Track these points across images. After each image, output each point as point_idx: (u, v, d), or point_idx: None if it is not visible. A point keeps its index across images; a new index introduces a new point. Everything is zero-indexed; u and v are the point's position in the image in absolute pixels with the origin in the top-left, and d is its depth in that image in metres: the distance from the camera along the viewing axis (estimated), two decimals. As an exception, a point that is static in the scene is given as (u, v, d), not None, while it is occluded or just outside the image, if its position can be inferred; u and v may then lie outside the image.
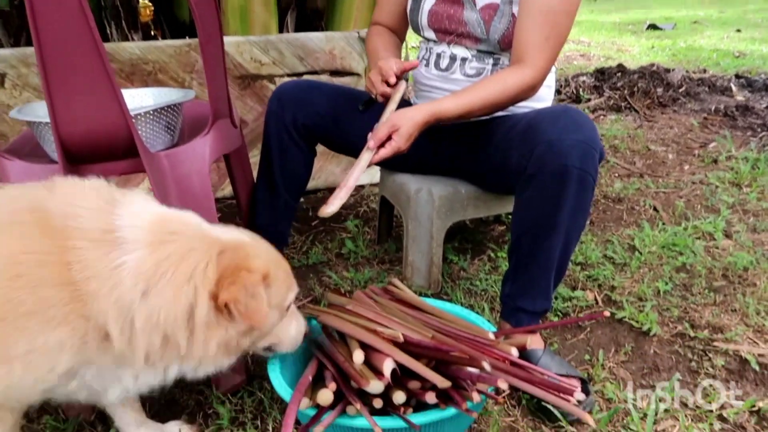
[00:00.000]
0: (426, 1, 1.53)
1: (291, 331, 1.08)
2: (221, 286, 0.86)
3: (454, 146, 1.60)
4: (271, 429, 1.21)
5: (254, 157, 2.20)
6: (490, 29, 1.44)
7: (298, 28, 3.29)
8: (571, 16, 1.39)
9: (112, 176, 1.27)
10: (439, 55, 1.57)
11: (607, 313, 1.20)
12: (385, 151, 1.32)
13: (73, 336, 0.84)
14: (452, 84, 1.55)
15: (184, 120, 1.47)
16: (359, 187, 2.55)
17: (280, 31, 3.14)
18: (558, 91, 4.05)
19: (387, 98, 1.46)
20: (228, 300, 0.86)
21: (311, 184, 2.52)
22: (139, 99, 1.51)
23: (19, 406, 0.94)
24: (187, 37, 2.65)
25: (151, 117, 1.28)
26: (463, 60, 1.53)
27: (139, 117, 1.26)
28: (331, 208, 1.30)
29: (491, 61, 1.51)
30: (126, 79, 2.18)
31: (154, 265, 0.85)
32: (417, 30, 1.61)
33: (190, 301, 0.86)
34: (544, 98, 1.57)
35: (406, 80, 1.53)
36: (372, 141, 1.33)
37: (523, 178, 1.29)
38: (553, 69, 1.54)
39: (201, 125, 1.44)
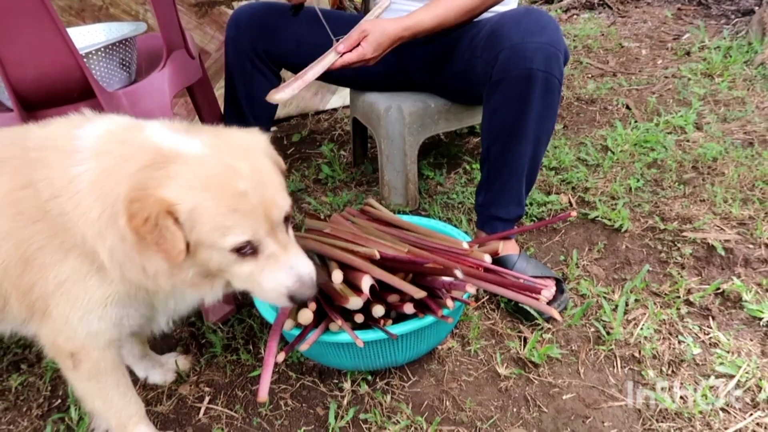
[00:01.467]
0: None
1: (265, 282, 0.87)
2: (129, 210, 0.78)
3: (419, 58, 1.58)
4: (263, 352, 1.27)
5: (220, 90, 2.15)
6: None
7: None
8: None
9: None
10: None
11: (574, 213, 1.23)
12: (351, 56, 1.29)
13: (83, 263, 0.86)
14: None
15: (139, 55, 1.42)
16: (332, 111, 2.52)
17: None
18: (529, -7, 3.93)
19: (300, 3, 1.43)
20: (131, 228, 0.78)
21: (283, 111, 2.48)
22: (89, 36, 1.46)
23: (100, 342, 0.93)
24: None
25: (103, 54, 1.25)
26: None
27: (90, 55, 1.22)
28: (280, 95, 1.29)
29: None
30: (76, 16, 2.09)
31: (98, 183, 0.82)
32: None
33: (117, 224, 0.80)
34: (508, 1, 1.53)
35: None
36: (342, 45, 1.30)
37: (489, 85, 1.28)
38: None
39: (157, 58, 1.40)
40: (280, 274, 0.87)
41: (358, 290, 1.07)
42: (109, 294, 0.89)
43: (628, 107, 2.28)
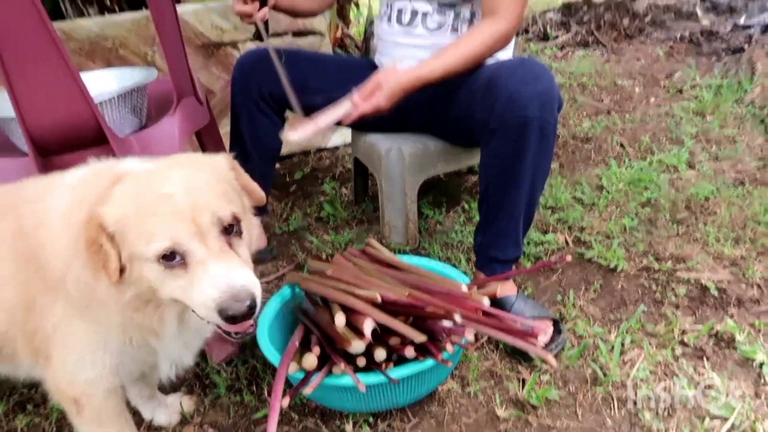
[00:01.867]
0: None
1: (194, 295, 0.79)
2: (84, 233, 0.79)
3: (420, 102, 1.63)
4: (266, 393, 1.29)
5: (225, 127, 2.21)
6: None
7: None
8: None
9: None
10: (400, 11, 1.58)
11: (569, 258, 1.27)
12: (366, 106, 1.35)
13: (69, 303, 0.88)
14: (414, 38, 1.57)
15: (149, 100, 1.48)
16: (334, 149, 2.58)
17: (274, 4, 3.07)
18: (525, 30, 4.04)
19: (249, 17, 1.49)
20: (85, 251, 0.79)
21: (286, 150, 2.53)
22: (102, 82, 1.51)
23: (100, 390, 0.94)
24: (143, 8, 2.59)
25: (117, 102, 1.30)
26: (424, 14, 1.54)
27: (104, 104, 1.27)
28: (294, 135, 1.35)
29: (452, 14, 1.52)
30: (87, 57, 2.15)
31: (67, 214, 0.85)
32: None
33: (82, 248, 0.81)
34: (507, 47, 1.59)
35: (265, 3, 1.53)
36: (357, 95, 1.36)
37: (487, 132, 1.33)
38: None
39: (167, 102, 1.45)
40: (206, 284, 0.78)
41: (360, 333, 1.10)
42: (98, 338, 0.90)
43: (622, 145, 2.33)
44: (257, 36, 1.57)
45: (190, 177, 0.82)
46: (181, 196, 0.79)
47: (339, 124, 1.81)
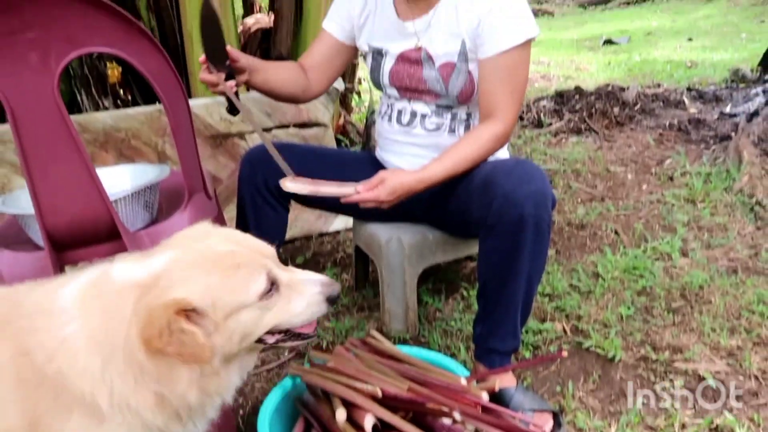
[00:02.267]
0: (386, 61, 1.64)
1: (297, 306, 0.93)
2: (146, 338, 0.81)
3: (420, 195, 1.70)
4: (264, 488, 1.27)
5: (229, 212, 2.28)
6: (448, 86, 1.55)
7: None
8: (526, 66, 1.51)
9: (95, 259, 1.34)
10: (400, 111, 1.67)
11: (564, 353, 1.29)
12: (368, 195, 1.41)
13: (87, 419, 0.87)
14: (413, 138, 1.66)
15: (160, 192, 1.55)
16: (335, 233, 2.64)
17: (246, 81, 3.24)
18: (521, 117, 4.21)
19: (214, 86, 1.47)
20: (157, 349, 0.81)
21: (287, 234, 2.60)
22: (116, 178, 1.58)
23: None
24: (157, 102, 2.73)
25: (130, 199, 1.36)
26: (423, 116, 1.63)
27: (118, 201, 1.33)
28: (292, 185, 1.43)
29: (449, 115, 1.62)
30: (100, 148, 2.25)
31: (92, 336, 0.85)
32: (379, 87, 1.72)
33: (138, 360, 0.83)
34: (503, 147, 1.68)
35: (233, 76, 1.49)
36: (362, 186, 1.42)
37: (485, 228, 1.40)
38: None
39: (177, 195, 1.52)
40: (305, 289, 0.94)
41: (360, 428, 1.11)
42: None
43: (616, 232, 2.40)
44: (230, 109, 1.57)
45: (227, 234, 0.94)
46: (240, 248, 0.90)
47: (338, 208, 1.88)
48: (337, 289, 0.96)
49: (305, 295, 0.94)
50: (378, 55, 1.64)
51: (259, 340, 0.94)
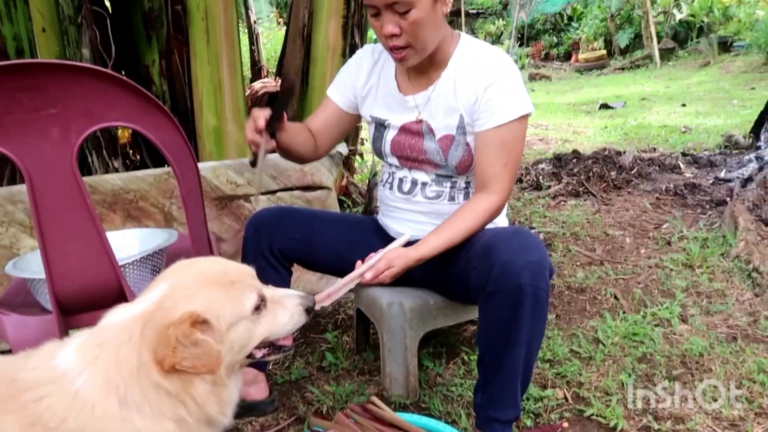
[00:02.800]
0: (389, 132, 1.70)
1: (282, 317, 1.06)
2: (160, 357, 0.87)
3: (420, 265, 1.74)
4: None
5: (233, 275, 2.29)
6: (448, 157, 1.61)
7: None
8: (522, 141, 1.57)
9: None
10: (401, 180, 1.73)
11: (565, 424, 1.29)
12: (373, 281, 1.50)
13: None
14: (414, 205, 1.71)
15: (167, 256, 1.58)
16: (336, 294, 2.65)
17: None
18: (520, 180, 4.29)
19: (257, 147, 1.51)
20: (173, 365, 0.87)
21: (289, 294, 2.61)
22: (124, 241, 1.62)
23: None
24: (165, 165, 2.81)
25: (138, 264, 1.40)
26: (424, 184, 1.69)
27: (127, 266, 1.37)
28: (325, 303, 1.51)
29: (449, 184, 1.67)
30: (108, 208, 2.30)
31: (103, 379, 0.88)
32: (380, 156, 1.78)
33: (154, 384, 0.88)
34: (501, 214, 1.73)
35: (273, 135, 1.53)
36: (371, 273, 1.50)
37: (484, 297, 1.42)
38: None
39: (181, 258, 1.55)
40: (288, 303, 1.07)
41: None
42: None
43: (616, 297, 2.41)
44: (253, 163, 1.59)
45: (214, 260, 1.06)
46: (229, 269, 1.02)
47: (341, 272, 1.92)
48: (313, 299, 1.12)
49: (288, 307, 1.07)
50: (380, 126, 1.71)
51: (250, 355, 1.04)
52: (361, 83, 1.73)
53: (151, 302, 0.95)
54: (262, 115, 1.49)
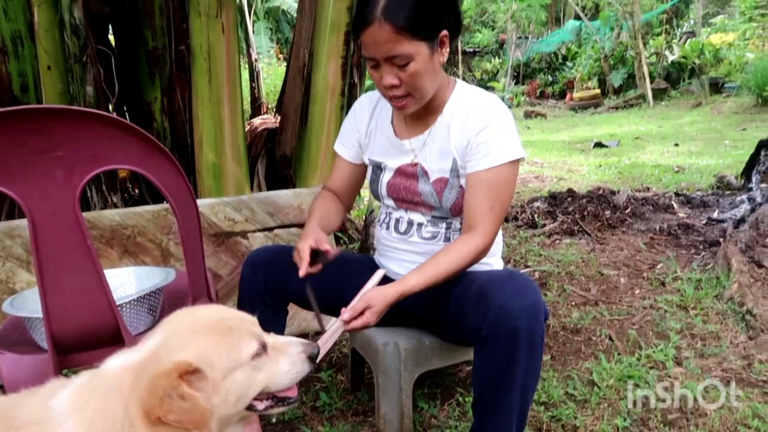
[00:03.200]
0: (385, 174, 1.74)
1: (284, 365, 1.03)
2: (147, 408, 0.85)
3: (416, 302, 1.74)
4: None
5: (229, 312, 2.29)
6: (442, 199, 1.64)
7: (268, 175, 3.54)
8: (510, 186, 1.59)
9: (96, 363, 1.36)
10: (398, 220, 1.75)
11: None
12: (357, 324, 1.46)
13: None
14: (411, 245, 1.73)
15: (163, 294, 1.59)
16: (331, 331, 2.65)
17: (251, 178, 3.37)
18: (515, 218, 4.32)
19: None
20: (159, 417, 0.85)
21: (285, 332, 2.61)
22: (121, 280, 1.63)
23: None
24: (164, 201, 2.83)
25: (135, 303, 1.40)
26: (420, 225, 1.71)
27: (124, 305, 1.37)
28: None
29: (444, 225, 1.69)
30: (106, 243, 2.32)
31: (87, 427, 0.87)
32: (377, 198, 1.81)
33: None
34: (494, 253, 1.75)
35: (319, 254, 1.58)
36: (347, 314, 1.47)
37: (479, 339, 1.43)
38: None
39: (180, 298, 1.56)
40: (290, 350, 1.04)
41: None
42: None
43: (610, 338, 2.42)
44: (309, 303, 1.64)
45: (211, 307, 1.04)
46: (228, 315, 1.00)
47: (337, 312, 1.91)
48: (317, 347, 1.08)
49: (290, 354, 1.04)
50: (377, 168, 1.74)
51: (250, 407, 1.00)
52: (362, 133, 1.77)
53: (146, 351, 0.94)
54: (307, 248, 1.55)
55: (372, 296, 1.48)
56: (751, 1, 14.01)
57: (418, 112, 1.61)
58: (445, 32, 1.50)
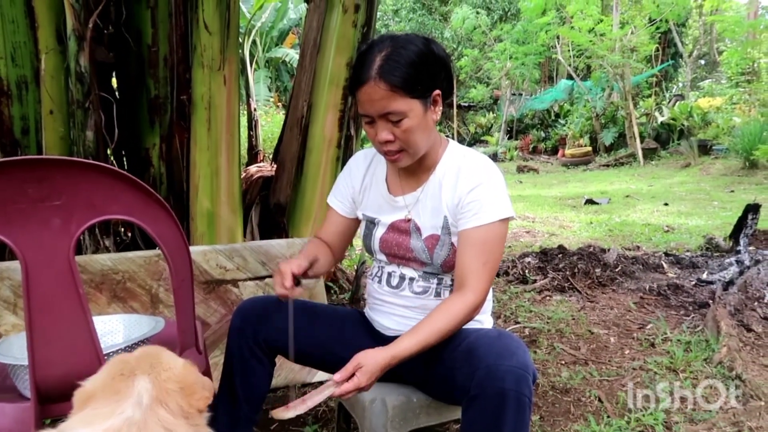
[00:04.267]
0: (378, 230, 1.76)
1: None
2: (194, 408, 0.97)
3: (405, 360, 1.74)
4: None
5: (216, 358, 2.28)
6: (433, 256, 1.66)
7: (262, 222, 3.55)
8: (501, 241, 1.61)
9: (80, 412, 1.33)
10: (390, 274, 1.76)
11: None
12: (348, 386, 1.42)
13: None
14: (402, 299, 1.73)
15: (152, 344, 1.57)
16: (318, 383, 2.61)
17: (245, 226, 3.39)
18: (506, 272, 4.34)
19: (286, 298, 1.58)
20: (205, 403, 0.98)
21: (271, 382, 2.57)
22: (109, 327, 1.62)
23: None
24: (156, 248, 2.83)
25: (122, 352, 1.39)
26: (411, 279, 1.72)
27: (110, 354, 1.36)
28: (286, 414, 1.41)
29: (435, 280, 1.70)
30: (95, 288, 2.31)
31: None
32: (370, 252, 1.82)
33: None
34: (485, 310, 1.75)
35: (299, 283, 1.61)
36: (338, 375, 1.45)
37: (467, 399, 1.42)
38: None
39: (168, 347, 1.55)
40: None
41: None
42: None
43: (600, 400, 2.40)
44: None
45: None
46: None
47: (324, 366, 1.90)
48: None
49: None
50: (371, 224, 1.77)
51: None
52: (357, 189, 1.81)
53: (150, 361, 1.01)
54: (289, 271, 1.57)
55: (362, 357, 1.46)
56: (737, 67, 14.53)
57: (411, 168, 1.65)
58: (437, 91, 1.55)
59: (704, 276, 4.15)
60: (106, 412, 0.96)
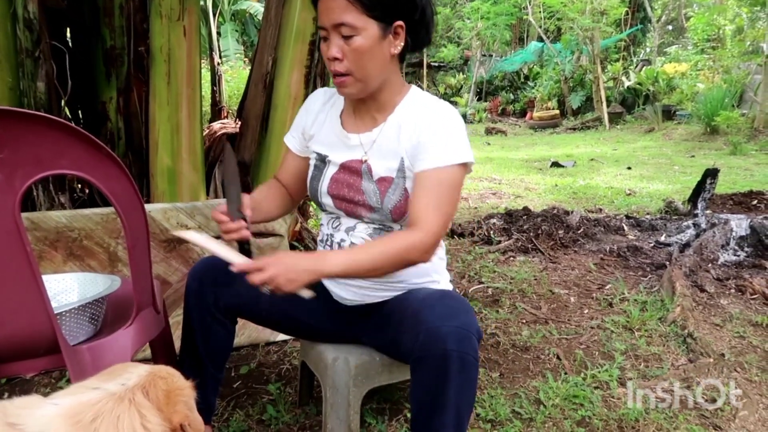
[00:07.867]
0: (329, 169, 1.66)
1: None
2: (169, 415, 0.94)
3: (363, 324, 1.73)
4: None
5: (177, 317, 2.25)
6: (384, 199, 1.57)
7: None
8: (457, 189, 1.53)
9: (31, 372, 1.30)
10: (340, 243, 1.65)
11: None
12: (253, 267, 1.38)
13: None
14: None
15: (107, 303, 1.53)
16: (282, 342, 2.62)
17: (207, 184, 3.31)
18: (472, 233, 4.38)
19: (231, 232, 1.52)
20: (181, 421, 0.94)
21: (234, 341, 2.56)
22: (63, 286, 1.57)
23: None
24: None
25: (76, 312, 1.35)
26: (362, 240, 1.65)
27: (63, 314, 1.32)
28: (186, 234, 1.43)
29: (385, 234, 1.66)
30: (50, 246, 2.23)
31: None
32: (315, 198, 1.71)
33: None
34: (438, 270, 1.73)
35: (245, 219, 1.54)
36: (251, 263, 1.40)
37: (413, 361, 1.42)
38: (442, 243, 1.72)
39: (125, 307, 1.51)
40: None
41: None
42: None
43: (558, 357, 2.46)
44: (242, 251, 1.56)
45: None
46: None
47: (286, 329, 1.88)
48: None
49: None
50: (321, 162, 1.69)
51: None
52: (309, 123, 1.73)
53: (144, 374, 0.97)
54: (219, 214, 1.52)
55: (285, 254, 1.42)
56: (704, 34, 14.67)
57: (366, 105, 1.59)
58: (400, 22, 1.48)
59: (662, 238, 4.26)
60: (93, 384, 0.95)
